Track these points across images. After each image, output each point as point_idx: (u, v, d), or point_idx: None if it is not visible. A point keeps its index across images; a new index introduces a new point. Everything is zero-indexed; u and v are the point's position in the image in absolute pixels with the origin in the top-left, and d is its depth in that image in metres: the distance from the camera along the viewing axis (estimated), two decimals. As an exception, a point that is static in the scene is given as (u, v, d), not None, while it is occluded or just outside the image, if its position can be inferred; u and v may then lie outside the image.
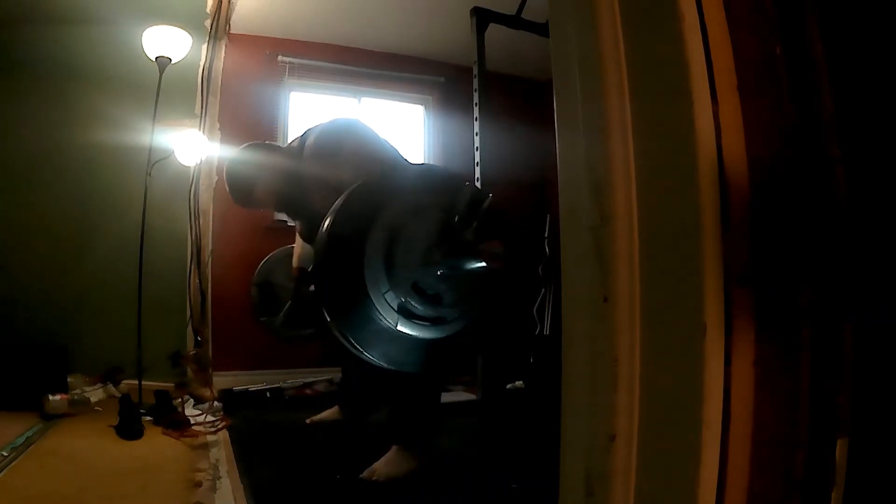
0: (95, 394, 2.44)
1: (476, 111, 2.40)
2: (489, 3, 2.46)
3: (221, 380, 2.83)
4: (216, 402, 2.41)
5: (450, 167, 2.02)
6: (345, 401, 2.19)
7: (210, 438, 1.98)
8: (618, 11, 0.64)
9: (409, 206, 1.25)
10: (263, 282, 2.45)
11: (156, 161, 2.50)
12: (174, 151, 2.66)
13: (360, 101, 3.66)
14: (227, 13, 2.97)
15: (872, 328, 0.56)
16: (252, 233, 3.08)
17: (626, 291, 0.61)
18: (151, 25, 2.42)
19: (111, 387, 2.56)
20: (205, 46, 2.94)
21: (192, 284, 2.87)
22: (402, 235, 1.20)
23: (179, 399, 2.31)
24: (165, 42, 2.43)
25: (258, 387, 2.84)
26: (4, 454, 1.63)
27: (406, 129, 3.81)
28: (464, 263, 1.16)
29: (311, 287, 1.95)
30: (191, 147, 2.72)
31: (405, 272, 1.18)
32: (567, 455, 0.66)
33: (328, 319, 1.20)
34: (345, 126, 1.91)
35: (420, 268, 1.20)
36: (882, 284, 0.56)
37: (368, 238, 1.20)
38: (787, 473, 0.56)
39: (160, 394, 2.29)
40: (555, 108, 0.71)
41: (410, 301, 1.18)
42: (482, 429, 2.23)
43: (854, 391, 0.55)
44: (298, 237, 2.19)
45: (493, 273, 1.18)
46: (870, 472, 0.55)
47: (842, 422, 0.55)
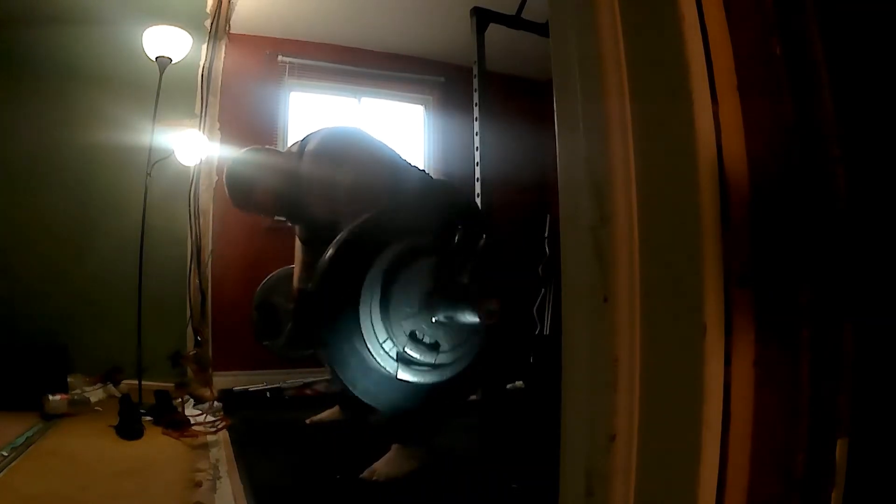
0: (95, 394, 2.44)
1: (476, 111, 2.40)
2: (489, 3, 2.45)
3: (221, 380, 2.83)
4: (216, 402, 2.41)
5: (453, 186, 2.02)
6: (345, 401, 2.19)
7: (210, 438, 1.98)
8: (618, 11, 0.64)
9: (405, 251, 1.26)
10: (264, 303, 2.43)
11: (156, 161, 2.50)
12: (174, 151, 2.66)
13: (360, 101, 3.66)
14: (227, 13, 2.97)
15: (872, 328, 0.56)
16: (252, 233, 3.08)
17: (626, 291, 0.61)
18: (151, 25, 2.42)
19: (111, 387, 2.56)
20: (205, 46, 2.94)
21: (192, 284, 2.87)
22: (397, 284, 1.21)
23: (179, 399, 2.31)
24: (165, 42, 2.43)
25: (258, 387, 2.84)
26: (4, 454, 1.63)
27: (406, 129, 3.81)
28: (460, 316, 1.17)
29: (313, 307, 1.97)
30: (191, 147, 2.72)
31: (402, 322, 1.20)
32: (567, 455, 0.66)
33: (330, 370, 1.21)
34: (346, 133, 1.92)
35: (417, 315, 1.21)
36: (882, 284, 0.56)
37: (364, 289, 1.21)
38: (787, 473, 0.56)
39: (160, 394, 2.29)
40: (555, 108, 0.71)
41: (408, 350, 1.19)
42: (482, 429, 2.23)
43: (854, 391, 0.55)
44: (298, 242, 2.20)
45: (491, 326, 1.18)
46: (870, 472, 0.55)
47: (842, 422, 0.55)
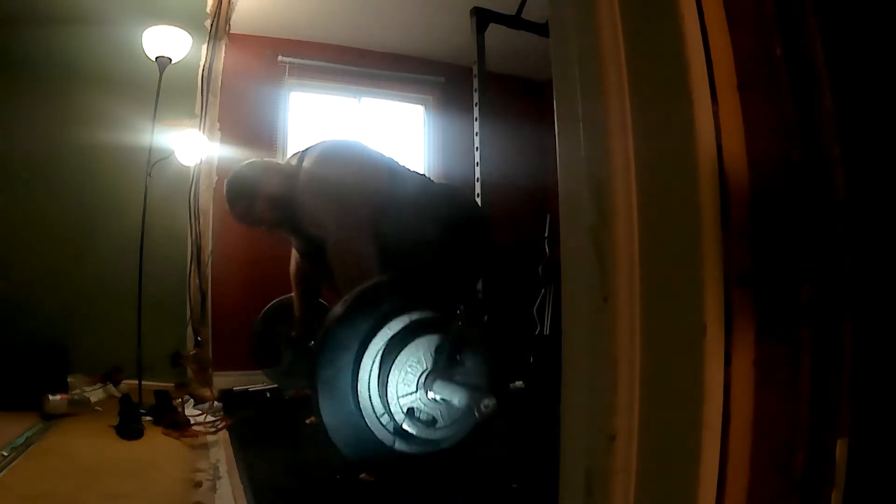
0: (95, 394, 2.44)
1: (476, 111, 2.40)
2: (489, 3, 2.46)
3: (221, 380, 2.83)
4: (216, 402, 2.41)
5: (455, 194, 2.04)
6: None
7: (210, 438, 1.98)
8: (618, 11, 0.64)
9: (406, 328, 1.29)
10: (264, 331, 2.45)
11: (156, 161, 2.50)
12: (174, 151, 2.66)
13: (360, 101, 3.66)
14: (227, 13, 2.97)
15: (872, 328, 0.56)
16: (252, 233, 3.07)
17: (626, 291, 0.61)
18: (151, 25, 2.41)
19: (111, 387, 2.55)
20: (205, 46, 2.94)
21: (192, 284, 2.87)
22: (397, 365, 1.25)
23: (179, 399, 2.31)
24: (165, 42, 2.43)
25: (258, 387, 2.83)
26: (4, 454, 1.63)
27: (406, 129, 3.81)
28: (457, 402, 1.19)
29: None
30: (191, 147, 2.72)
31: (400, 400, 1.24)
32: (567, 455, 0.66)
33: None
34: (344, 148, 1.93)
35: (415, 393, 1.25)
36: (882, 284, 0.56)
37: (361, 369, 1.25)
38: (787, 473, 0.56)
39: (160, 394, 2.29)
40: (555, 108, 0.71)
41: (406, 427, 1.24)
42: (482, 428, 2.22)
43: (854, 391, 0.55)
44: (294, 253, 2.21)
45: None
46: (870, 472, 0.55)
47: (842, 422, 0.55)
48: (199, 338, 2.82)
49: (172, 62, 2.48)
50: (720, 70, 0.61)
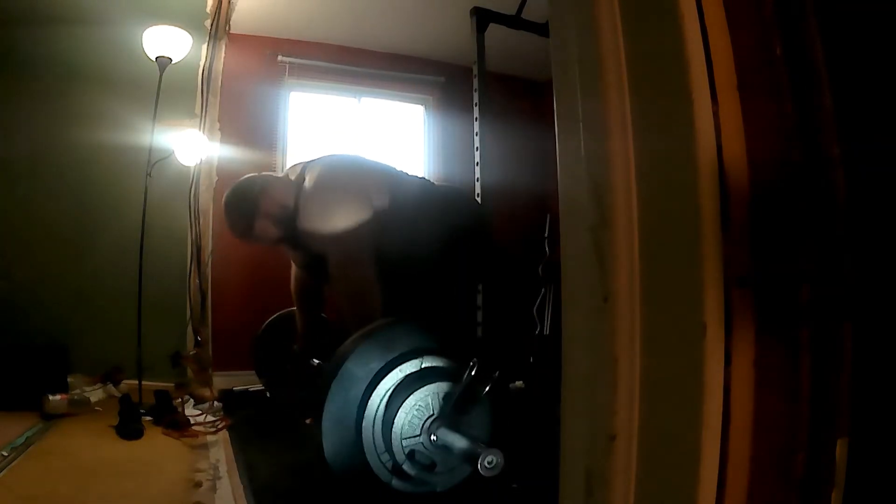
0: (95, 394, 2.44)
1: (476, 111, 2.40)
2: (489, 3, 2.45)
3: (221, 380, 2.83)
4: (216, 402, 2.41)
5: (457, 198, 2.06)
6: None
7: (210, 438, 1.97)
8: (618, 11, 0.64)
9: (418, 373, 1.31)
10: (266, 343, 2.45)
11: (156, 161, 2.50)
12: (174, 151, 2.66)
13: (360, 101, 3.66)
14: (227, 13, 2.96)
15: (872, 328, 0.56)
16: (252, 233, 3.07)
17: (626, 291, 0.61)
18: (151, 25, 2.41)
19: (111, 387, 2.55)
20: (205, 46, 2.94)
21: (192, 284, 2.87)
22: (403, 407, 1.25)
23: (179, 399, 2.31)
24: (165, 42, 2.43)
25: (258, 387, 2.83)
26: (4, 454, 1.63)
27: (406, 130, 3.81)
28: (459, 452, 1.20)
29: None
30: (191, 147, 2.72)
31: (403, 441, 1.25)
32: (567, 455, 0.66)
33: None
34: (346, 164, 1.92)
35: (419, 436, 1.26)
36: (882, 284, 0.56)
37: (368, 404, 1.26)
38: (787, 473, 0.56)
39: (160, 394, 2.29)
40: (555, 108, 0.71)
41: (405, 468, 1.25)
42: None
43: (854, 391, 0.55)
44: (294, 268, 2.21)
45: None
46: (870, 472, 0.55)
47: (842, 422, 0.55)
48: (199, 338, 2.81)
49: (172, 62, 2.48)
50: (720, 70, 0.61)
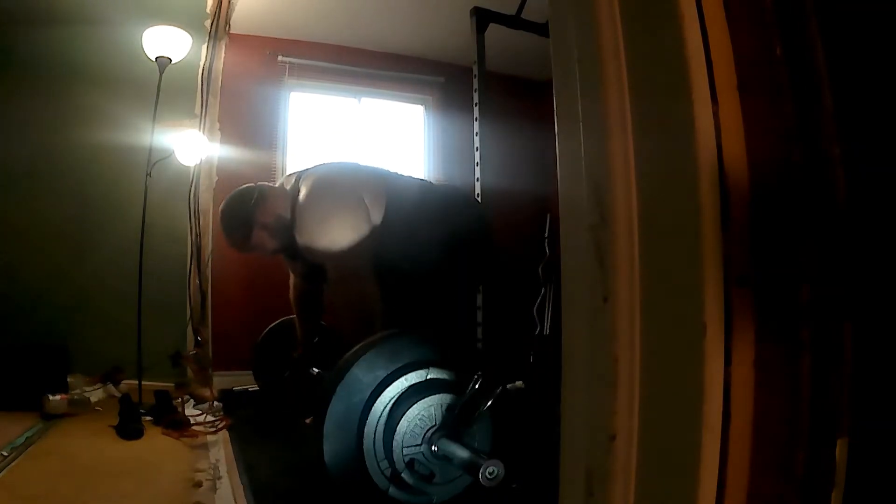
0: (95, 394, 2.44)
1: (476, 111, 2.40)
2: (489, 3, 2.45)
3: (221, 380, 2.83)
4: (216, 402, 2.41)
5: (455, 203, 2.05)
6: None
7: (210, 438, 1.97)
8: (618, 11, 0.64)
9: (422, 383, 1.31)
10: (266, 349, 2.46)
11: (156, 161, 2.50)
12: (174, 151, 2.66)
13: (360, 101, 3.66)
14: (227, 13, 2.97)
15: (872, 328, 0.55)
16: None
17: (626, 291, 0.61)
18: (151, 25, 2.41)
19: (111, 387, 2.55)
20: (205, 46, 2.94)
21: (192, 284, 2.87)
22: (406, 419, 1.26)
23: (179, 399, 2.31)
24: (165, 42, 2.43)
25: (258, 387, 2.83)
26: (4, 454, 1.63)
27: (406, 130, 3.81)
28: (459, 463, 1.20)
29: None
30: (191, 147, 2.72)
31: (404, 450, 1.25)
32: (567, 455, 0.66)
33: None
34: (342, 173, 1.92)
35: (419, 446, 1.26)
36: (882, 284, 0.56)
37: (371, 411, 1.26)
38: (787, 473, 0.56)
39: (160, 394, 2.29)
40: (555, 108, 0.71)
41: (403, 476, 1.25)
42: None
43: (854, 391, 0.55)
44: (293, 277, 2.21)
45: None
46: (870, 472, 0.55)
47: (842, 422, 0.55)
48: (199, 338, 2.82)
49: (172, 62, 2.48)
50: (720, 70, 0.61)
